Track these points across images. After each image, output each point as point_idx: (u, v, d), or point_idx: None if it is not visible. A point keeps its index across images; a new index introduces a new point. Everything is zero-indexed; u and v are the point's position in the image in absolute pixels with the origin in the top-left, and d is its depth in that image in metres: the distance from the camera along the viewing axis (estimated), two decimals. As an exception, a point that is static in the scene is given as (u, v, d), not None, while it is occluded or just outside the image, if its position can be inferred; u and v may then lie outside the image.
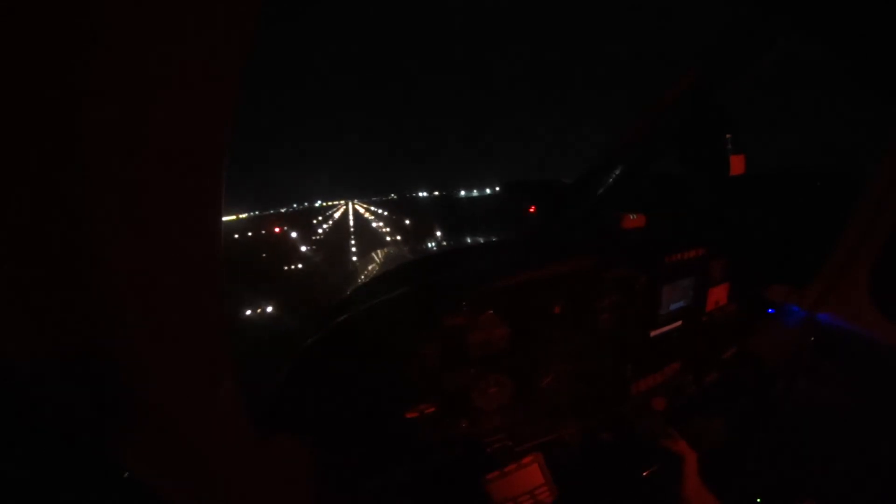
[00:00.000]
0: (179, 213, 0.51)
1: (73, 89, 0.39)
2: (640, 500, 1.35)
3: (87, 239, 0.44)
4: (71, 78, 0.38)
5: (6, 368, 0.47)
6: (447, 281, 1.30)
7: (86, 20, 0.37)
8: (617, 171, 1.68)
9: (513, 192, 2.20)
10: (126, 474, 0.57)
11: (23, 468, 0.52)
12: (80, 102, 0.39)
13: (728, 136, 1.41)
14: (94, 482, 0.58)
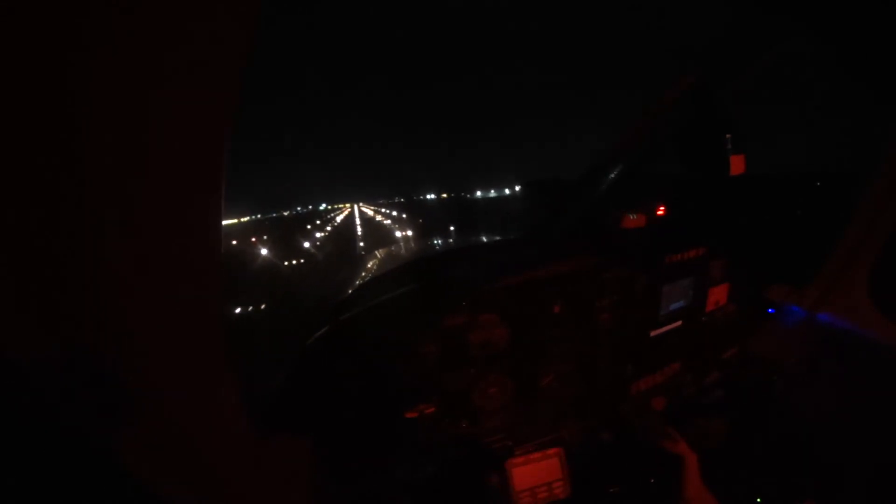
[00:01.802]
0: (179, 214, 0.51)
1: (72, 90, 0.39)
2: (639, 500, 1.35)
3: (88, 239, 0.45)
4: (71, 79, 0.38)
5: (7, 369, 0.47)
6: (448, 281, 1.30)
7: (86, 20, 0.37)
8: (617, 171, 1.68)
9: (534, 192, 2.13)
10: (126, 474, 0.57)
11: (23, 468, 0.52)
12: (80, 103, 0.39)
13: (728, 136, 1.41)
14: (93, 482, 0.58)
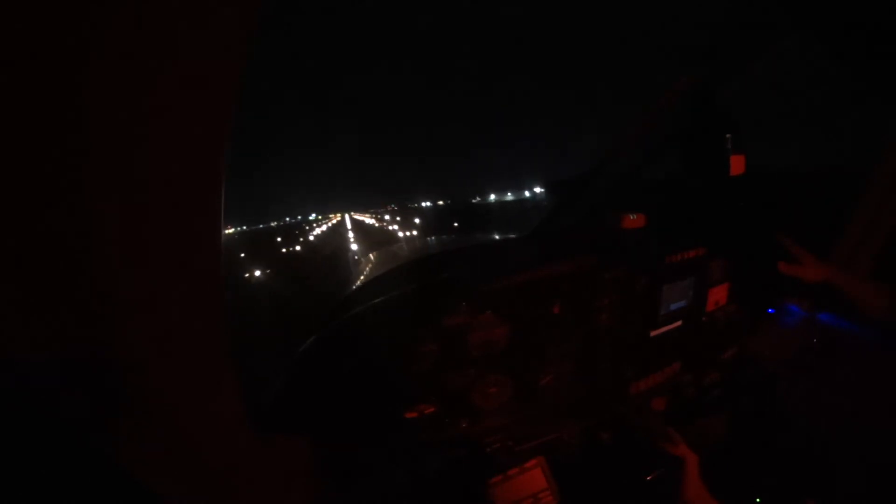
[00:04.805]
0: (181, 215, 0.51)
1: (71, 94, 0.39)
2: (639, 500, 1.35)
3: (89, 241, 0.44)
4: (69, 82, 0.38)
5: (8, 369, 0.47)
6: (447, 281, 1.30)
7: (84, 21, 0.37)
8: (617, 172, 1.68)
9: (560, 194, 1.98)
10: (126, 475, 0.57)
11: (24, 468, 0.52)
12: (78, 105, 0.39)
13: (728, 136, 1.41)
14: (94, 483, 0.58)
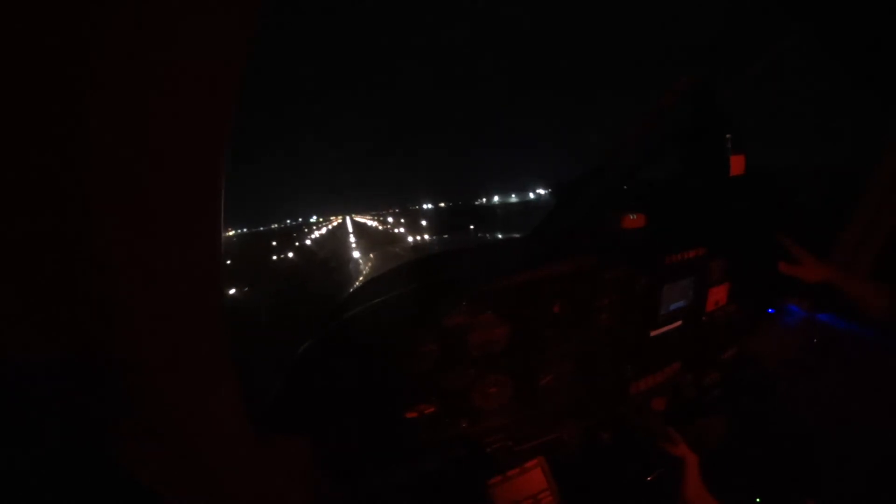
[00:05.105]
0: (181, 216, 0.51)
1: (71, 92, 0.39)
2: (639, 500, 1.35)
3: (89, 239, 0.44)
4: (69, 81, 0.38)
5: (9, 369, 0.47)
6: (447, 281, 1.30)
7: (83, 19, 0.37)
8: (617, 172, 1.68)
9: (569, 197, 1.92)
10: (126, 476, 0.57)
11: (23, 468, 0.52)
12: (79, 105, 0.39)
13: (728, 136, 1.41)
14: (94, 482, 0.58)
